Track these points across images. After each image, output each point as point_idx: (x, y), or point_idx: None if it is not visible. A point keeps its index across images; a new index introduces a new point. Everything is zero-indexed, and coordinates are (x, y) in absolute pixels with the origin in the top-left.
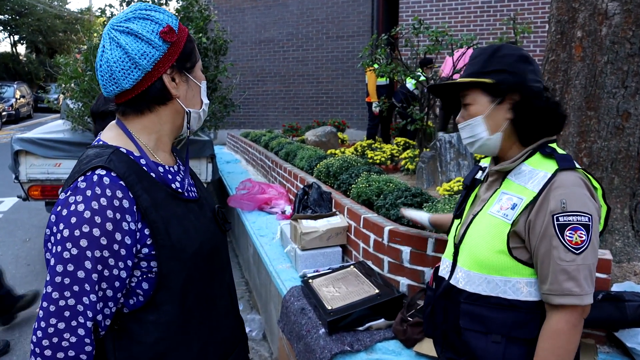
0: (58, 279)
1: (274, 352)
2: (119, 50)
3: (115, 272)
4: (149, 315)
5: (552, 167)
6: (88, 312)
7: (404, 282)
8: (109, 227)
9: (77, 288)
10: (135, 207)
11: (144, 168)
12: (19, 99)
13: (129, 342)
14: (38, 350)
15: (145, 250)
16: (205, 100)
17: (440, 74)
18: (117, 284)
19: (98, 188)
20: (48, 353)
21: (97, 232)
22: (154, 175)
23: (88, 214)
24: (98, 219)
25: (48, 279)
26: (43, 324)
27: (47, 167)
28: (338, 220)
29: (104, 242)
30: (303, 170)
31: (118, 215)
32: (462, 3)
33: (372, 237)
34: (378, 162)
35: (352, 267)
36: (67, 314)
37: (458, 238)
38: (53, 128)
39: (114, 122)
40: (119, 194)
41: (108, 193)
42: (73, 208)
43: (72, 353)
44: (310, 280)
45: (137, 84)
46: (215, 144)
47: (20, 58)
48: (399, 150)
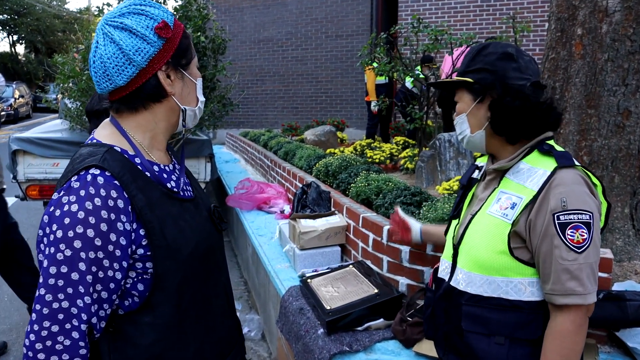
0: (51, 281)
1: (273, 352)
2: (113, 46)
3: (110, 273)
4: (145, 317)
5: (550, 164)
6: (82, 314)
7: (403, 281)
8: (104, 227)
9: (71, 290)
10: (130, 207)
11: (139, 167)
12: (18, 99)
13: (124, 344)
14: (31, 354)
15: (141, 251)
16: (201, 98)
17: (441, 74)
18: (112, 286)
19: (92, 188)
20: (41, 357)
21: (91, 232)
22: (149, 175)
23: (82, 215)
24: (92, 220)
25: (41, 281)
26: (36, 327)
27: (45, 166)
28: (337, 220)
29: (99, 243)
30: (302, 170)
31: (113, 216)
32: (461, 2)
33: (371, 236)
34: (377, 161)
35: (351, 266)
36: (60, 317)
37: (457, 239)
38: (51, 127)
39: (108, 120)
40: (114, 194)
41: (102, 193)
42: (66, 208)
43: (66, 357)
44: (309, 280)
45: (131, 81)
46: (215, 144)
47: (19, 58)
48: (399, 150)
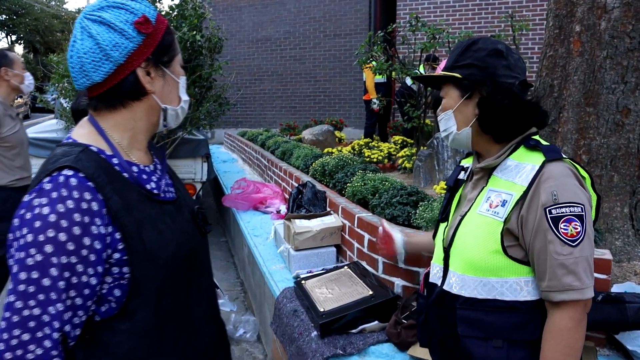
0: (21, 287)
1: (269, 354)
2: (90, 41)
3: (84, 279)
4: (122, 324)
5: (538, 159)
6: (54, 322)
7: (399, 283)
8: (76, 231)
9: (42, 297)
10: (105, 209)
11: (116, 168)
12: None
13: (101, 352)
14: None
15: (117, 256)
16: (184, 97)
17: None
18: (86, 292)
19: (64, 190)
20: None
21: (63, 237)
22: (127, 176)
23: (53, 218)
24: (64, 223)
25: (11, 287)
26: (6, 336)
27: (40, 166)
28: (332, 220)
29: (71, 247)
30: (299, 169)
31: (86, 219)
32: (459, 0)
33: (366, 237)
34: (375, 160)
35: (346, 267)
36: (31, 325)
37: (447, 242)
38: (46, 127)
39: (86, 118)
40: (87, 196)
41: (75, 195)
42: (37, 211)
43: None
44: (303, 281)
45: (108, 77)
46: (213, 143)
47: None
48: (396, 149)
